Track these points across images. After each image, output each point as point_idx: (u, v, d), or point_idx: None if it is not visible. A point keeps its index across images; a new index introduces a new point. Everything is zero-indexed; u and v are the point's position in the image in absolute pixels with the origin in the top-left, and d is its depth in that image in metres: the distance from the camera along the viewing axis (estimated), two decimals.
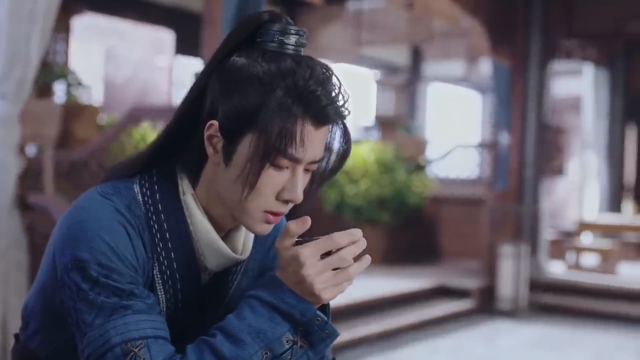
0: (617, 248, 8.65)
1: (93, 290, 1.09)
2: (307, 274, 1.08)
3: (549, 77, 8.43)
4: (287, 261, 1.09)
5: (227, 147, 1.13)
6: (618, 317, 7.43)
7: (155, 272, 1.17)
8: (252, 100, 1.10)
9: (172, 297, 1.19)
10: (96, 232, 1.11)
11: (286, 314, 1.09)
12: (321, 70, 1.11)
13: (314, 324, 1.09)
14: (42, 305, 1.20)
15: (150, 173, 1.21)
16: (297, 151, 1.11)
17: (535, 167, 8.26)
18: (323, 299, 1.09)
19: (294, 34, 1.13)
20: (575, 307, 7.71)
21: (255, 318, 1.09)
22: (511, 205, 8.19)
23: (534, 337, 6.67)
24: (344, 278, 1.10)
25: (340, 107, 1.12)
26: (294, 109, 1.09)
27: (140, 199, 1.17)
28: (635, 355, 6.18)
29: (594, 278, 8.11)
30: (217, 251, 1.20)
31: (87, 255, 1.09)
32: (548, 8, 8.17)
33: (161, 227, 1.17)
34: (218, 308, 1.28)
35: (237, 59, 1.13)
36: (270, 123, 1.09)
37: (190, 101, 1.19)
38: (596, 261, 8.83)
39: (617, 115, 10.90)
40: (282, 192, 1.14)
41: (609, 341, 6.62)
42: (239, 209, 1.15)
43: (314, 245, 1.09)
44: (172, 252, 1.18)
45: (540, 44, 8.17)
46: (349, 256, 1.09)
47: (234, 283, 1.28)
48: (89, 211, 1.13)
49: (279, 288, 1.10)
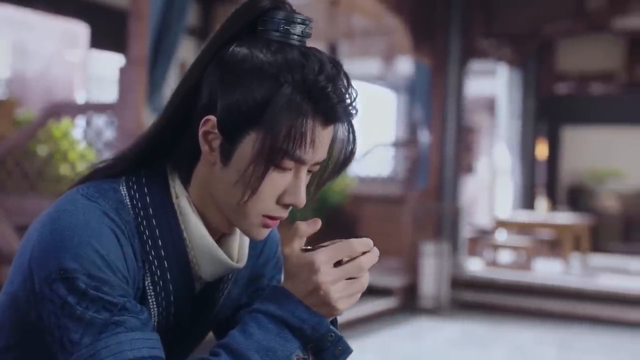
0: (532, 245, 8.84)
1: (81, 305, 0.97)
2: (322, 281, 0.98)
3: (467, 76, 8.56)
4: (299, 268, 1.00)
5: (226, 145, 1.03)
6: (536, 312, 7.59)
7: (147, 283, 1.06)
8: (257, 96, 1.00)
9: (165, 309, 1.09)
10: (85, 238, 0.99)
11: (297, 329, 0.99)
12: (330, 65, 1.02)
13: (326, 340, 1.01)
14: (12, 321, 1.07)
15: (138, 174, 1.10)
16: (307, 153, 1.02)
17: (454, 166, 8.37)
18: (337, 310, 1.00)
19: (300, 23, 1.04)
20: (495, 303, 7.84)
21: (263, 334, 0.99)
22: (432, 204, 8.27)
23: (457, 335, 6.73)
24: (358, 288, 1.02)
25: (349, 105, 1.04)
26: (304, 107, 1.00)
27: (129, 202, 1.06)
28: (555, 349, 6.32)
29: (511, 275, 8.27)
30: (212, 259, 1.10)
31: (74, 264, 0.97)
32: (467, 8, 8.28)
33: (153, 234, 1.06)
34: (208, 319, 1.20)
35: (238, 49, 1.03)
36: (278, 121, 0.99)
37: (183, 94, 1.08)
38: (512, 258, 9.01)
39: (530, 114, 11.17)
40: (284, 195, 1.05)
41: (529, 336, 6.75)
42: (235, 213, 1.06)
43: (330, 251, 1.00)
44: (165, 261, 1.07)
45: (460, 43, 8.27)
46: (367, 265, 1.01)
47: (224, 292, 1.19)
48: (76, 215, 1.01)
49: (289, 300, 1.00)
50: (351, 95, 1.03)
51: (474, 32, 8.43)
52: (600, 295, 7.52)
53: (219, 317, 1.22)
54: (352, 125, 1.08)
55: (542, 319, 7.42)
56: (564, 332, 6.93)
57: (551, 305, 7.63)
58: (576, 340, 6.67)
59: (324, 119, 1.02)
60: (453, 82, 8.28)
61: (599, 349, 6.42)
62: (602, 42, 11.05)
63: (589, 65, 11.35)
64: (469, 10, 8.30)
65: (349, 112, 1.04)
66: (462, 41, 8.27)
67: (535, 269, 8.59)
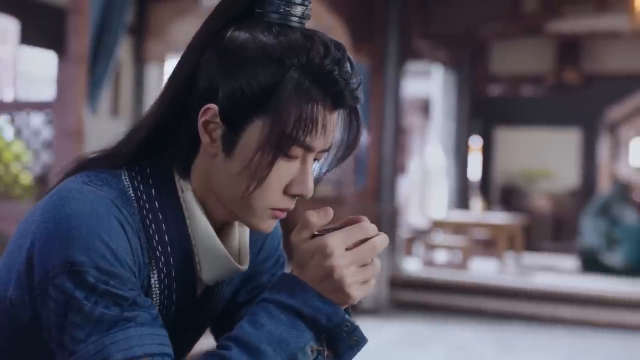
0: (468, 245, 8.95)
1: (89, 300, 0.90)
2: (336, 265, 0.93)
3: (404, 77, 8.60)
4: (310, 254, 0.95)
5: (229, 135, 0.98)
6: (474, 311, 7.68)
7: (152, 281, 1.01)
8: (262, 81, 0.95)
9: (166, 308, 1.04)
10: (93, 229, 0.92)
11: (310, 319, 0.94)
12: (335, 48, 0.98)
13: (341, 330, 0.95)
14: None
15: (141, 164, 1.04)
16: (317, 139, 0.98)
17: (392, 167, 8.40)
18: (352, 297, 0.95)
19: (300, 4, 1.00)
20: (434, 303, 7.91)
21: (275, 325, 0.93)
22: (371, 204, 8.28)
23: (397, 334, 6.75)
24: (371, 273, 0.97)
25: (355, 89, 0.99)
26: (313, 91, 0.96)
27: (132, 194, 1.00)
28: (494, 348, 6.38)
29: (448, 274, 8.35)
30: (216, 260, 1.04)
31: (82, 257, 0.91)
32: (405, 10, 8.32)
33: (159, 228, 1.01)
34: (207, 319, 1.15)
35: (237, 32, 0.98)
36: (286, 107, 0.95)
37: (179, 83, 1.02)
38: (449, 258, 9.11)
39: (464, 115, 11.31)
40: (291, 185, 1.00)
41: (467, 335, 6.82)
42: (240, 206, 1.01)
43: (343, 234, 0.95)
44: (171, 258, 1.02)
45: (398, 44, 8.31)
46: (381, 246, 0.97)
47: (219, 289, 1.14)
48: (82, 203, 0.94)
49: (301, 289, 0.95)
50: (357, 79, 1.00)
51: (412, 33, 8.49)
52: (535, 293, 7.65)
53: (208, 317, 1.17)
54: (357, 110, 1.03)
55: (480, 318, 7.51)
56: (502, 331, 7.03)
57: (488, 304, 7.73)
58: (514, 338, 6.76)
59: (332, 104, 0.98)
60: (391, 82, 8.31)
61: (537, 347, 6.52)
62: (534, 45, 11.28)
63: (520, 67, 11.57)
64: (406, 12, 8.35)
65: (356, 97, 1.00)
66: (400, 42, 8.31)
67: (471, 268, 8.70)
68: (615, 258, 8.54)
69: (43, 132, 4.79)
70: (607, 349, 6.50)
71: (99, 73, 4.99)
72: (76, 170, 1.05)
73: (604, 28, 9.98)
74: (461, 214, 10.26)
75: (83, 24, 4.57)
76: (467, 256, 8.74)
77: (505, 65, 11.58)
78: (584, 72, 11.18)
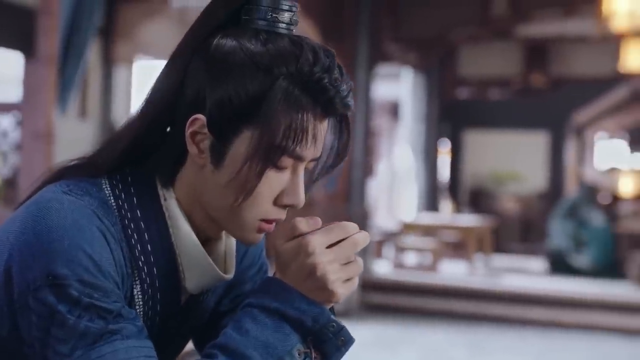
0: (438, 247, 8.98)
1: (72, 313, 0.88)
2: (318, 262, 0.92)
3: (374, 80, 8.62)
4: (292, 255, 0.94)
5: (217, 145, 0.96)
6: (445, 313, 7.71)
7: (135, 292, 0.98)
8: (251, 90, 0.94)
9: (150, 319, 1.02)
10: (76, 241, 0.90)
11: (296, 321, 0.93)
12: (324, 54, 0.96)
13: (328, 331, 0.95)
14: None
15: (123, 173, 1.01)
16: (307, 149, 0.96)
17: (362, 169, 8.40)
18: (336, 294, 0.94)
19: (287, 10, 0.98)
20: (404, 305, 7.92)
21: (261, 330, 0.92)
22: (341, 207, 8.27)
23: (369, 337, 6.75)
24: (354, 270, 0.96)
25: (346, 96, 0.98)
26: (303, 100, 0.94)
27: (114, 203, 0.98)
28: (466, 350, 6.41)
29: (418, 276, 8.37)
30: (201, 269, 1.02)
31: (65, 270, 0.88)
32: (376, 12, 8.34)
33: (141, 238, 0.98)
34: (191, 330, 1.14)
35: (223, 40, 0.97)
36: (275, 117, 0.93)
37: (164, 93, 0.99)
38: (419, 260, 9.13)
39: (433, 118, 11.36)
40: (282, 196, 0.98)
41: (439, 337, 6.84)
42: (229, 218, 0.99)
43: (324, 232, 0.94)
44: (155, 268, 0.99)
45: (369, 47, 8.32)
46: (362, 243, 0.96)
47: (203, 297, 1.12)
48: (63, 214, 0.92)
49: (285, 291, 0.94)
50: (347, 86, 0.98)
51: (382, 36, 8.50)
52: (504, 295, 7.70)
53: (195, 326, 1.15)
54: (347, 117, 1.02)
55: (451, 320, 7.54)
56: (473, 333, 7.06)
57: (459, 306, 7.76)
58: (485, 340, 6.79)
59: (322, 112, 0.97)
60: (361, 85, 8.32)
61: (507, 348, 6.56)
62: (502, 49, 11.37)
63: (489, 71, 11.65)
64: (377, 15, 8.36)
65: (347, 104, 0.98)
66: (370, 45, 8.32)
67: (441, 270, 8.73)
68: (583, 260, 8.62)
69: (11, 134, 4.71)
70: (576, 349, 6.56)
71: (69, 74, 4.92)
72: (54, 178, 1.03)
73: (571, 32, 10.09)
74: (431, 216, 10.30)
75: (53, 25, 4.51)
76: (437, 258, 8.77)
77: (473, 68, 11.66)
78: (552, 76, 11.29)
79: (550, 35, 10.50)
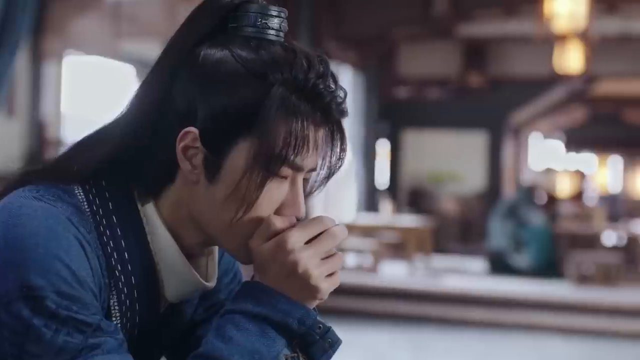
0: (379, 248, 8.93)
1: (49, 327, 0.85)
2: (299, 258, 0.91)
3: None
4: (270, 254, 0.92)
5: (212, 159, 0.93)
6: (387, 315, 7.64)
7: (112, 302, 0.95)
8: (246, 98, 0.91)
9: (128, 332, 0.98)
10: (52, 250, 0.86)
11: (281, 324, 0.91)
12: (317, 60, 0.95)
13: (314, 333, 0.93)
14: None
15: (97, 179, 0.97)
16: (308, 158, 0.94)
17: None
18: (320, 290, 0.92)
19: (277, 16, 0.97)
20: (345, 307, 7.80)
21: (245, 337, 0.90)
22: None
23: None
24: (336, 263, 0.94)
25: (342, 102, 0.96)
26: (301, 108, 0.92)
27: (88, 209, 0.94)
28: (408, 351, 6.37)
29: (359, 278, 8.29)
30: (182, 277, 0.98)
31: (41, 281, 0.85)
32: (317, 10, 8.23)
33: (118, 246, 0.94)
34: (169, 341, 1.10)
35: (212, 50, 0.94)
36: (274, 125, 0.91)
37: (150, 104, 0.96)
38: (359, 261, 9.06)
39: (372, 118, 11.32)
40: (282, 208, 0.95)
41: (383, 339, 6.78)
42: (228, 234, 0.95)
43: (300, 228, 0.93)
44: (133, 277, 0.95)
45: (308, 45, 8.20)
46: (340, 235, 0.94)
47: (182, 307, 1.08)
48: (37, 222, 0.87)
49: (267, 294, 0.92)
50: (342, 92, 0.96)
51: (322, 33, 8.40)
52: (445, 296, 7.71)
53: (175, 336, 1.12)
54: (341, 124, 0.98)
55: (393, 321, 7.47)
56: (416, 334, 7.02)
57: (401, 308, 7.71)
58: (428, 341, 6.76)
59: (320, 120, 0.94)
60: None
61: (450, 349, 6.55)
62: (441, 49, 11.42)
63: (428, 70, 11.69)
64: (318, 12, 8.26)
65: (343, 110, 0.96)
66: (310, 42, 8.21)
67: (381, 271, 8.68)
68: (522, 260, 8.68)
69: None
70: (517, 349, 6.60)
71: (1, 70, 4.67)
72: (19, 183, 0.97)
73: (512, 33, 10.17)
74: (370, 217, 10.26)
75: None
76: (377, 259, 8.71)
77: (413, 68, 11.67)
78: (490, 76, 11.39)
79: (491, 35, 10.58)
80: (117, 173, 0.97)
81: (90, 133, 1.00)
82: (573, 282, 8.15)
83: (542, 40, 7.74)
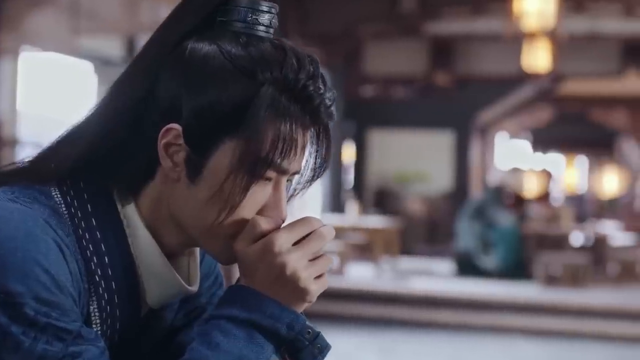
0: (345, 249, 8.82)
1: (28, 335, 0.83)
2: (287, 260, 0.89)
3: None
4: (257, 257, 0.90)
5: (194, 158, 0.91)
6: (354, 317, 7.54)
7: (92, 309, 0.92)
8: (234, 96, 0.89)
9: (108, 339, 0.95)
10: (30, 254, 0.84)
11: (269, 330, 0.89)
12: (308, 61, 0.91)
13: (303, 339, 0.91)
14: None
15: (74, 178, 0.94)
16: (295, 161, 0.93)
17: None
18: (309, 292, 0.90)
19: (267, 12, 0.93)
20: (312, 310, 7.52)
21: (232, 343, 0.88)
22: None
23: None
24: (324, 264, 0.92)
25: (330, 105, 0.93)
26: (291, 109, 0.90)
27: (65, 211, 0.92)
28: (375, 354, 6.32)
29: None
30: (163, 281, 0.96)
31: (19, 286, 0.83)
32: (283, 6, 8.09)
33: (98, 249, 0.92)
34: (149, 348, 1.06)
35: (199, 44, 0.91)
36: (263, 126, 0.89)
37: (129, 101, 0.93)
38: None
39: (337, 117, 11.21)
40: (264, 211, 0.93)
41: (349, 342, 6.68)
42: (209, 236, 0.93)
43: (287, 229, 0.91)
44: (113, 282, 0.93)
45: None
46: (328, 235, 0.92)
47: (164, 312, 1.04)
48: (14, 225, 0.85)
49: (254, 298, 0.90)
50: (331, 94, 0.93)
51: (288, 30, 8.28)
52: (413, 298, 7.68)
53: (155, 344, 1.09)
54: (328, 127, 0.96)
55: (360, 324, 7.39)
56: (383, 337, 6.94)
57: (368, 310, 7.63)
58: (395, 344, 6.70)
59: (308, 122, 0.92)
60: None
61: (418, 352, 6.51)
62: (408, 47, 11.36)
63: (394, 68, 11.63)
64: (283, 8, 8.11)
65: (331, 113, 0.94)
66: None
67: (348, 273, 8.57)
68: (490, 261, 8.63)
69: None
70: (486, 351, 6.60)
71: None
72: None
73: (480, 31, 10.14)
74: (336, 218, 10.16)
75: None
76: (344, 261, 8.60)
77: (379, 66, 11.61)
78: (457, 75, 11.36)
79: (458, 33, 10.54)
80: (95, 172, 0.94)
81: (65, 132, 0.97)
82: (541, 283, 8.14)
83: (511, 38, 7.70)
